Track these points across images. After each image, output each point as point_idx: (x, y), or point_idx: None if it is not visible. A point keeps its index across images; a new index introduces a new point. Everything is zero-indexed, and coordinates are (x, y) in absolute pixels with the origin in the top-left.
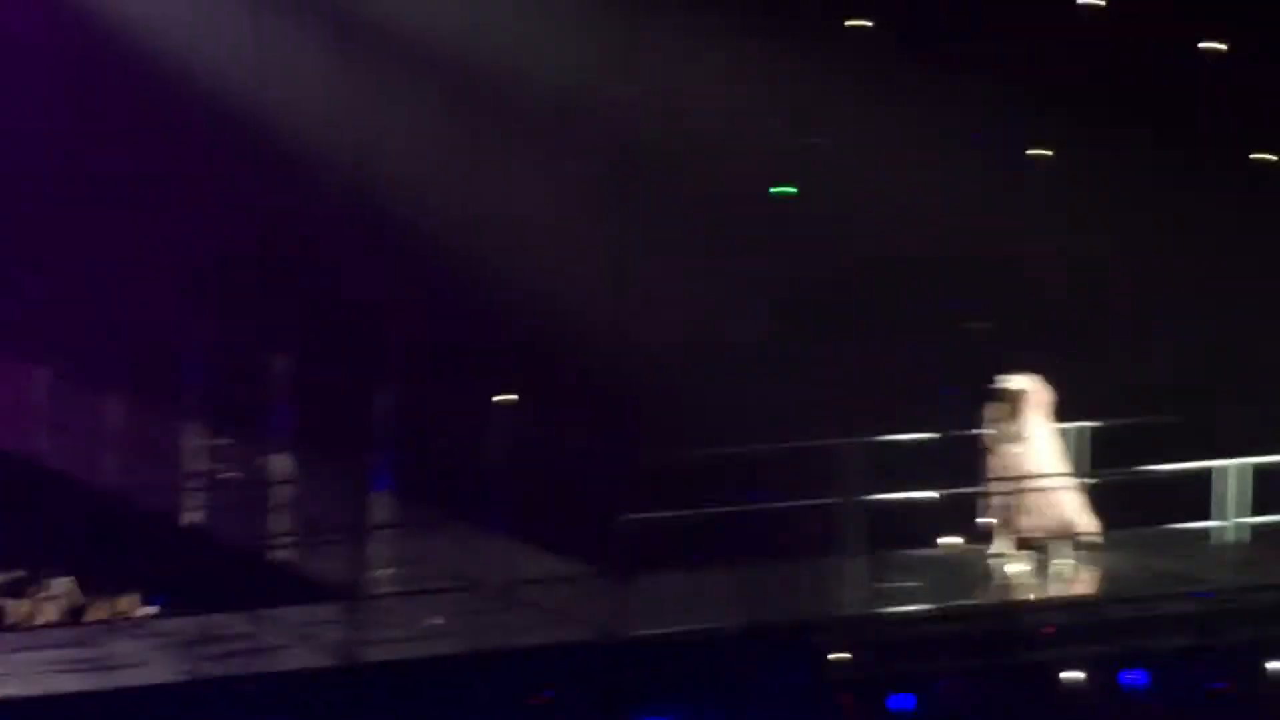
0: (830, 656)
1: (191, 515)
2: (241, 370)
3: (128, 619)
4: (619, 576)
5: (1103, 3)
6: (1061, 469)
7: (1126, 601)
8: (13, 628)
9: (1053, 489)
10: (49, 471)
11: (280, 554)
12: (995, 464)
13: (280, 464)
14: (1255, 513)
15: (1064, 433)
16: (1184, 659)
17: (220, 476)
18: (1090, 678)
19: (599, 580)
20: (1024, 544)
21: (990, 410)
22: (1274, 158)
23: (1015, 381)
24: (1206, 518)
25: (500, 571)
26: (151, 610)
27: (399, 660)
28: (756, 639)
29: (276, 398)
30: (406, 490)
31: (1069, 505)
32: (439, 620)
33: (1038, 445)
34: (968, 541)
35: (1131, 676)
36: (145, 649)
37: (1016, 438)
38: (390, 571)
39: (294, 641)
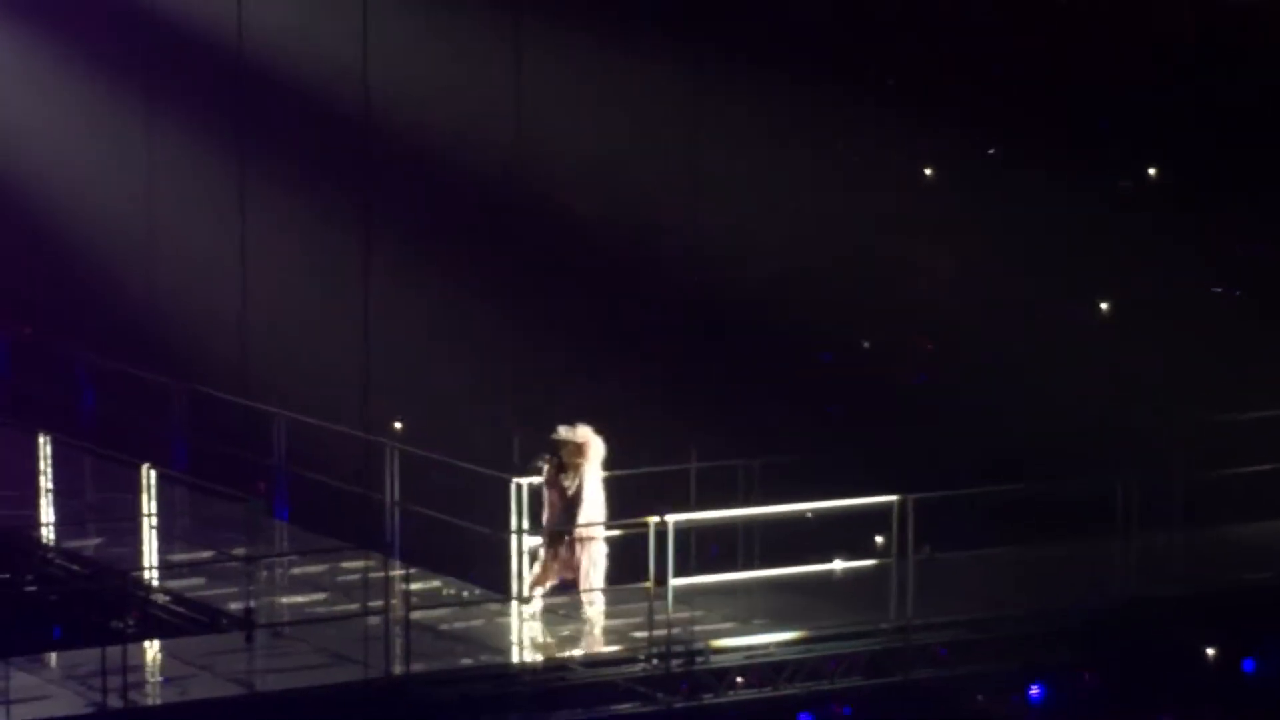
0: None
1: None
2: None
3: None
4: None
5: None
6: (602, 521)
7: None
8: None
9: (590, 540)
10: None
11: (172, 582)
12: (549, 514)
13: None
14: None
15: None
16: None
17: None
18: None
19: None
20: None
21: (546, 461)
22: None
23: (572, 433)
24: None
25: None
26: None
27: (298, 689)
28: None
29: (173, 425)
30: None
31: (592, 560)
32: None
33: (591, 497)
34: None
35: None
36: (45, 682)
37: (569, 489)
38: (290, 599)
39: (195, 671)
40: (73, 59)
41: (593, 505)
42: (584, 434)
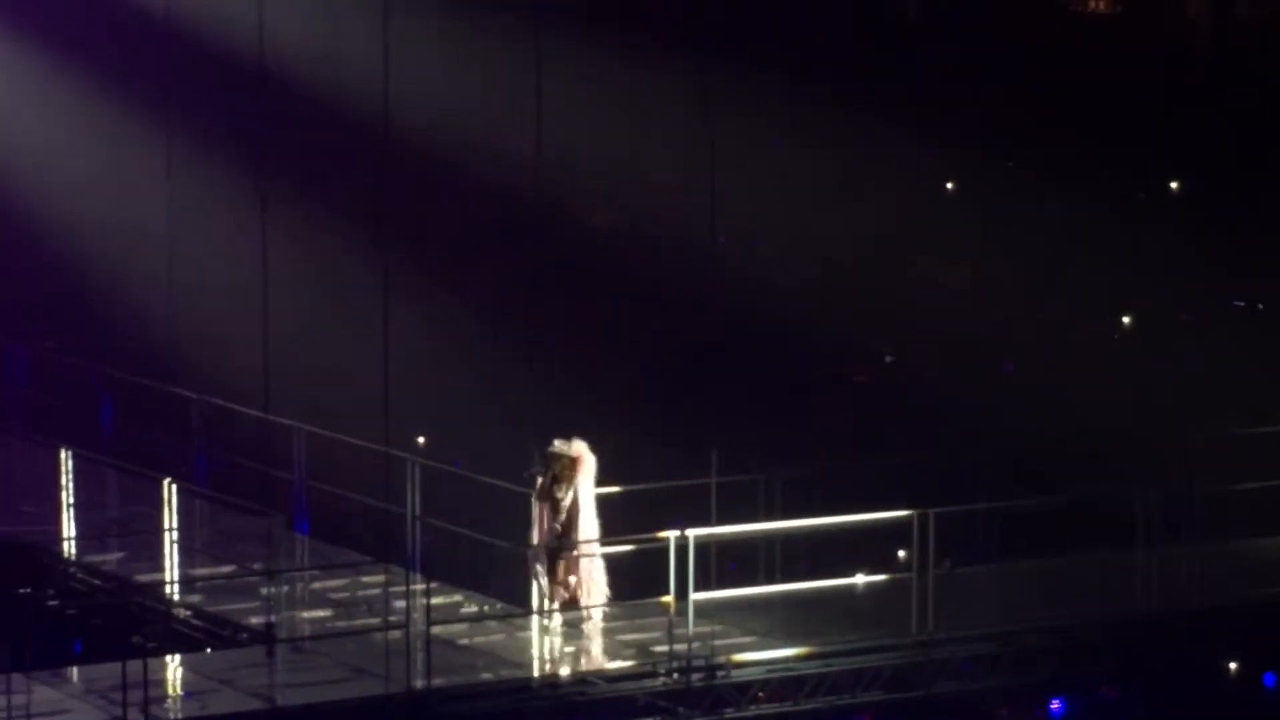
0: None
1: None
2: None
3: None
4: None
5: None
6: (597, 536)
7: None
8: None
9: (588, 556)
10: None
11: (193, 597)
12: (543, 529)
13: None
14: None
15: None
16: None
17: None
18: None
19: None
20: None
21: (541, 475)
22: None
23: (567, 446)
24: None
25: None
26: None
27: (319, 703)
28: None
29: (196, 438)
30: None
31: (590, 574)
32: None
33: (585, 511)
34: None
35: None
36: (67, 697)
37: (563, 503)
38: (311, 614)
39: (216, 686)
40: (93, 78)
41: (587, 520)
42: (578, 448)
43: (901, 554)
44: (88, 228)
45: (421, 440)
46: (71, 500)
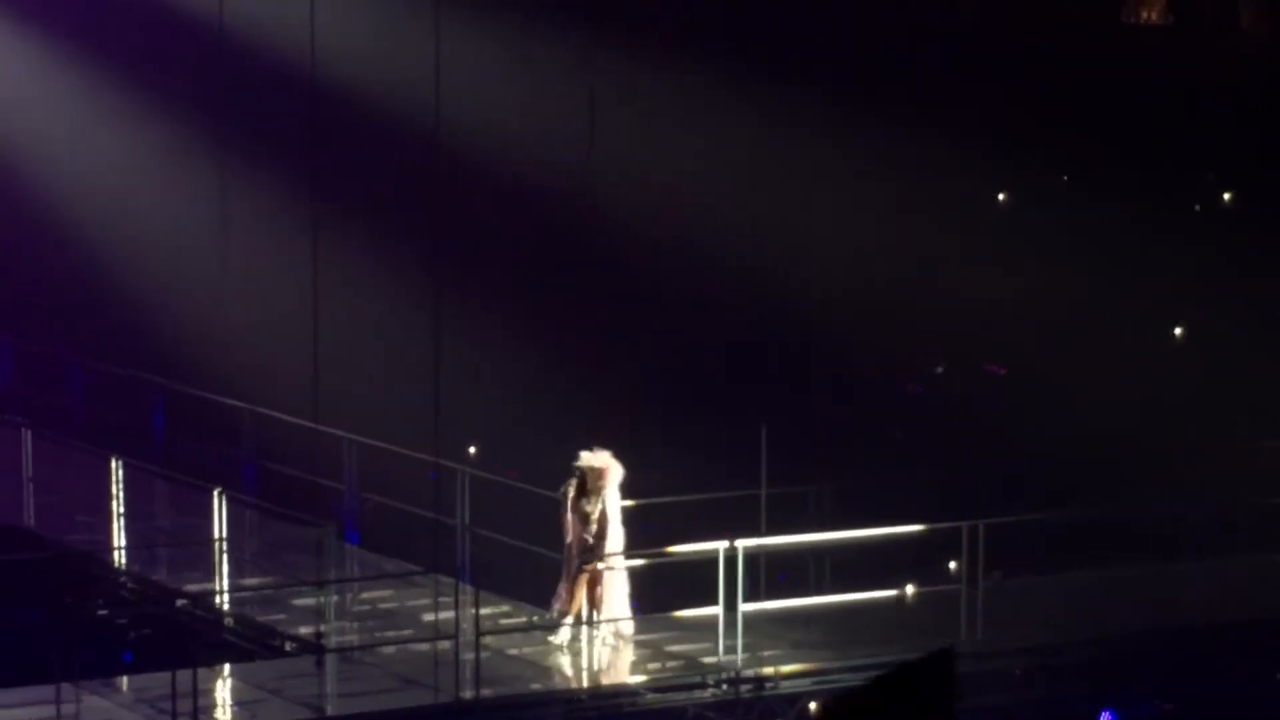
0: None
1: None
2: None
3: None
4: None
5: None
6: (623, 547)
7: None
8: None
9: (610, 569)
10: None
11: (244, 607)
12: (570, 540)
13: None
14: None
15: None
16: None
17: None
18: None
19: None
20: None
21: (569, 486)
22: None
23: (594, 458)
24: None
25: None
26: None
27: (368, 713)
28: None
29: (243, 450)
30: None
31: (613, 586)
32: None
33: (612, 524)
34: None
35: None
36: (116, 706)
37: (592, 514)
38: (360, 623)
39: (265, 696)
40: (147, 104)
41: (614, 530)
42: (604, 459)
43: (952, 565)
44: (144, 248)
45: (472, 450)
46: (121, 510)
